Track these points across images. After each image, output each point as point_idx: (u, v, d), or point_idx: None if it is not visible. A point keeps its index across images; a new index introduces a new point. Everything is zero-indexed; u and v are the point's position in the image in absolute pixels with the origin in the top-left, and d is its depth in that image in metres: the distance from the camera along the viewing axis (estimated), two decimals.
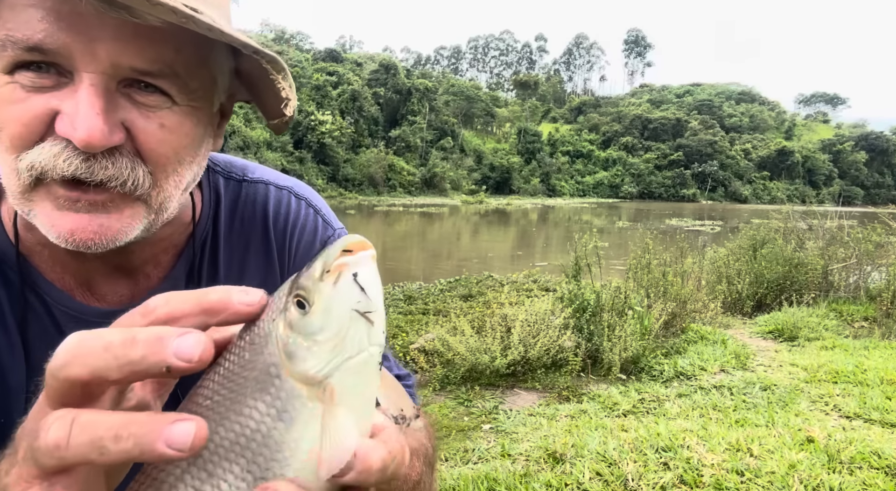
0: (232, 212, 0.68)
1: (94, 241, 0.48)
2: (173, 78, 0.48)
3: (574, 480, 2.67)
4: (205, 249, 0.66)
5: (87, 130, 0.44)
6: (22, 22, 0.43)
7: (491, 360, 4.70)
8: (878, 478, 2.60)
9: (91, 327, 0.56)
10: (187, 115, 0.51)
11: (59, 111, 0.45)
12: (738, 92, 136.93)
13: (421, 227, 32.84)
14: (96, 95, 0.45)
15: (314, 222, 0.72)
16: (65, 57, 0.44)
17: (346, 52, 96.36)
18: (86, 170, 0.46)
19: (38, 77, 0.45)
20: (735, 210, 64.17)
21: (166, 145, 0.50)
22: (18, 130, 0.45)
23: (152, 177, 0.50)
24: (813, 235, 9.17)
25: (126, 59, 0.45)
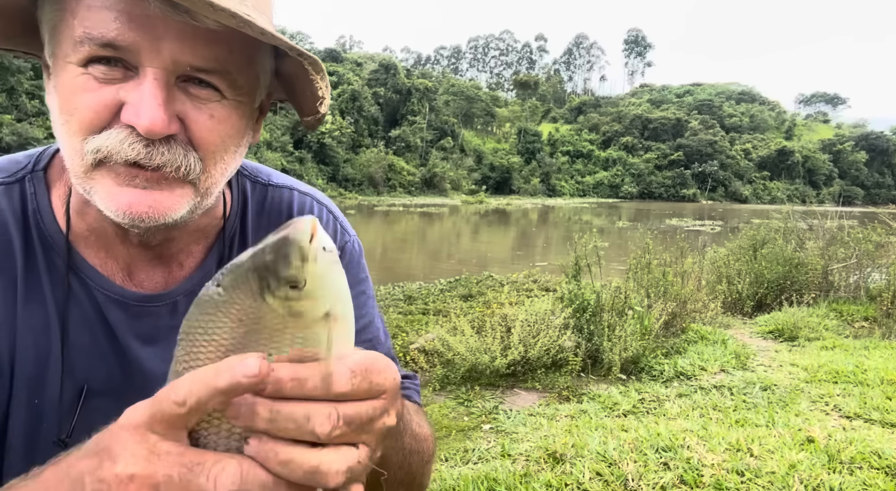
0: (259, 212, 0.74)
1: (148, 214, 0.54)
2: (225, 75, 0.54)
3: (574, 480, 2.67)
4: (233, 243, 0.71)
5: (150, 119, 0.50)
6: (98, 21, 0.49)
7: (491, 360, 4.70)
8: (878, 478, 2.60)
9: (129, 311, 0.62)
10: (234, 108, 0.56)
11: (124, 102, 0.51)
12: (738, 92, 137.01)
13: (421, 227, 32.84)
14: (158, 88, 0.51)
15: (334, 228, 0.78)
16: (133, 53, 0.50)
17: (346, 52, 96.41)
18: (146, 154, 0.52)
19: (109, 70, 0.51)
20: (735, 210, 64.19)
21: (215, 134, 0.55)
22: (89, 117, 0.51)
23: (202, 163, 0.56)
24: (813, 235, 9.17)
25: (185, 58, 0.51)
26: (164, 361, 0.62)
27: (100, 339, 0.63)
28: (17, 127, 38.87)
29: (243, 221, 0.73)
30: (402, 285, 11.36)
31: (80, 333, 0.61)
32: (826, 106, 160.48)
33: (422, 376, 5.24)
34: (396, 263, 16.87)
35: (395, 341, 6.26)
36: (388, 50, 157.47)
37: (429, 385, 4.82)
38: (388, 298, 9.93)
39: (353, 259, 0.80)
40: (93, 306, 0.62)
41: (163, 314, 0.65)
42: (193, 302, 0.42)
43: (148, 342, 0.65)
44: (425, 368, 5.38)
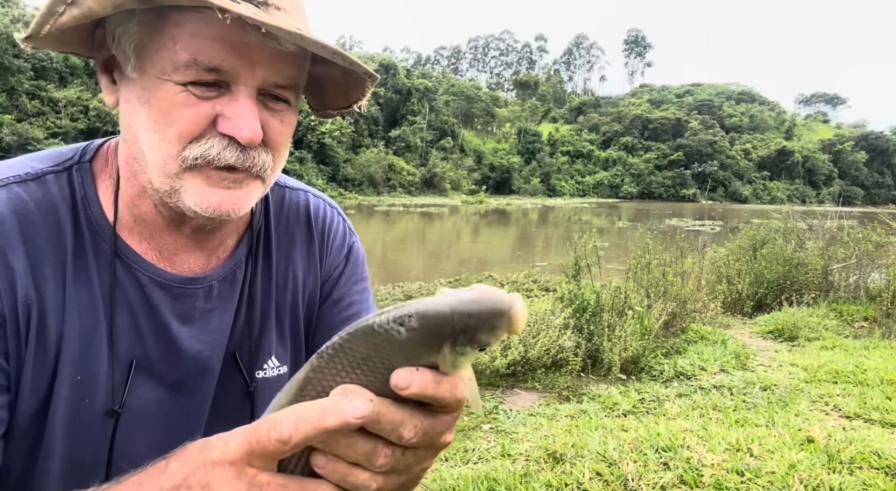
0: (279, 211, 0.83)
1: (232, 210, 0.63)
2: (294, 89, 0.64)
3: (574, 480, 2.67)
4: (259, 238, 0.79)
5: (251, 132, 0.60)
6: (203, 48, 0.57)
7: (491, 360, 4.70)
8: (878, 478, 2.60)
9: (171, 292, 0.70)
10: (293, 113, 0.67)
11: (219, 115, 0.60)
12: (738, 92, 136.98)
13: (421, 227, 32.84)
14: (253, 104, 0.60)
15: (344, 229, 0.89)
16: (232, 75, 0.59)
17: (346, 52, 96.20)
18: (241, 160, 0.61)
19: (207, 90, 0.59)
20: (735, 210, 64.19)
21: (284, 136, 0.66)
22: (189, 128, 0.59)
23: (273, 162, 0.66)
24: (813, 235, 9.17)
25: (273, 78, 0.61)
26: (198, 341, 0.71)
27: (141, 318, 0.68)
28: (17, 127, 38.85)
29: (267, 218, 0.81)
30: (402, 285, 11.35)
31: (123, 314, 0.67)
32: (826, 106, 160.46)
33: None
34: (396, 263, 16.87)
35: None
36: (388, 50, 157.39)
37: None
38: (389, 298, 9.93)
39: (360, 258, 0.89)
40: (136, 288, 0.68)
41: (199, 296, 0.72)
42: (356, 326, 0.42)
43: (185, 322, 0.71)
44: None
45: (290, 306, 0.80)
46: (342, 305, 0.84)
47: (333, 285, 0.85)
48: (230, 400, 0.74)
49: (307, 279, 0.82)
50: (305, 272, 0.82)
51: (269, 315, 0.78)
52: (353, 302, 0.84)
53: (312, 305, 0.83)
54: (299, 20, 0.60)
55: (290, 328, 0.80)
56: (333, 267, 0.85)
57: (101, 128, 44.08)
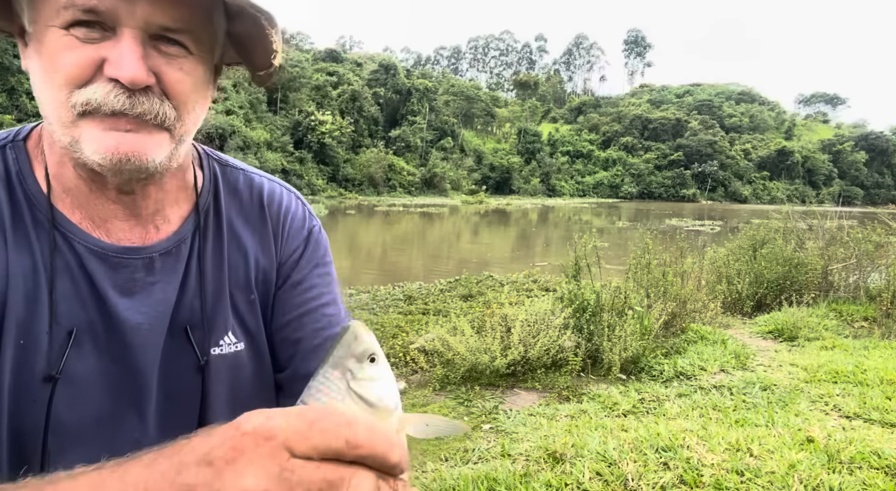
0: (232, 191, 0.83)
1: (134, 153, 0.61)
2: (189, 33, 0.62)
3: (574, 480, 2.67)
4: (208, 216, 0.79)
5: (132, 71, 0.58)
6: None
7: (491, 360, 4.70)
8: (878, 478, 2.60)
9: (108, 262, 0.69)
10: (199, 62, 0.64)
11: (105, 58, 0.58)
12: (738, 92, 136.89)
13: (421, 227, 32.83)
14: (136, 45, 0.58)
15: (303, 212, 0.88)
16: (111, 17, 0.57)
17: (346, 52, 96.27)
18: (129, 105, 0.59)
19: (90, 32, 0.58)
20: (735, 210, 64.18)
21: (185, 85, 0.63)
22: (74, 72, 0.58)
23: (176, 112, 0.63)
24: (813, 235, 9.17)
25: (156, 19, 0.59)
26: (138, 313, 0.70)
27: (81, 287, 0.68)
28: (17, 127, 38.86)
29: (216, 198, 0.80)
30: (402, 285, 11.35)
31: (63, 281, 0.67)
32: (826, 106, 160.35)
33: (422, 376, 5.24)
34: (396, 263, 16.86)
35: (395, 341, 6.26)
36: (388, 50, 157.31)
37: (429, 385, 4.83)
38: (388, 297, 9.93)
39: (321, 242, 0.88)
40: (74, 257, 0.68)
41: (139, 268, 0.71)
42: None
43: (124, 293, 0.70)
44: (425, 368, 5.38)
45: (244, 285, 0.79)
46: (302, 288, 0.83)
47: (293, 268, 0.84)
48: (181, 375, 0.73)
49: (260, 259, 0.81)
50: (257, 253, 0.81)
51: (223, 292, 0.77)
52: (313, 285, 0.84)
53: (268, 286, 0.82)
54: None
55: (246, 306, 0.79)
56: (292, 249, 0.84)
57: None
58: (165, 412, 0.72)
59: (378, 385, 0.48)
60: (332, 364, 0.49)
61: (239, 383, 0.77)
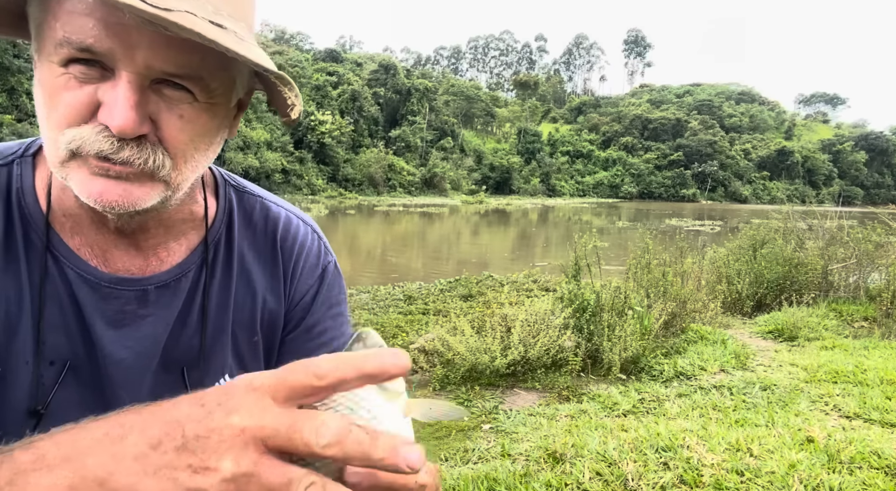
0: (247, 223, 0.78)
1: (118, 202, 0.57)
2: (197, 80, 0.57)
3: (574, 480, 2.67)
4: (218, 248, 0.75)
5: (122, 120, 0.53)
6: (77, 26, 0.52)
7: (491, 360, 4.70)
8: (878, 478, 2.60)
9: (99, 292, 0.66)
10: (205, 110, 0.59)
11: (101, 102, 0.55)
12: (738, 92, 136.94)
13: (421, 227, 32.83)
14: (131, 91, 0.54)
15: (318, 248, 0.83)
16: (109, 58, 0.53)
17: (346, 52, 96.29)
18: (116, 150, 0.55)
19: (88, 70, 0.54)
20: (735, 210, 64.18)
21: (184, 134, 0.59)
22: (69, 113, 0.55)
23: (172, 161, 0.59)
24: (813, 235, 9.18)
25: (158, 64, 0.54)
26: (123, 347, 0.67)
27: (68, 316, 0.65)
28: (17, 127, 38.83)
29: (229, 229, 0.76)
30: (402, 285, 11.35)
31: (53, 309, 0.64)
32: (826, 106, 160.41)
33: (422, 376, 5.24)
34: (396, 263, 16.86)
35: (395, 341, 6.26)
36: (388, 50, 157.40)
37: (429, 385, 4.83)
38: (388, 297, 9.93)
39: (336, 279, 0.84)
40: (63, 283, 0.65)
41: (130, 300, 0.67)
42: None
43: (112, 325, 0.67)
44: (425, 368, 5.38)
45: (248, 325, 0.75)
46: (314, 333, 0.79)
47: (306, 310, 0.79)
48: None
49: (268, 299, 0.77)
50: (266, 291, 0.76)
51: (225, 332, 0.73)
52: (325, 328, 0.80)
53: (274, 328, 0.78)
54: (198, 2, 0.53)
55: (248, 348, 0.75)
56: (305, 290, 0.79)
57: None
58: None
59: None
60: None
61: None
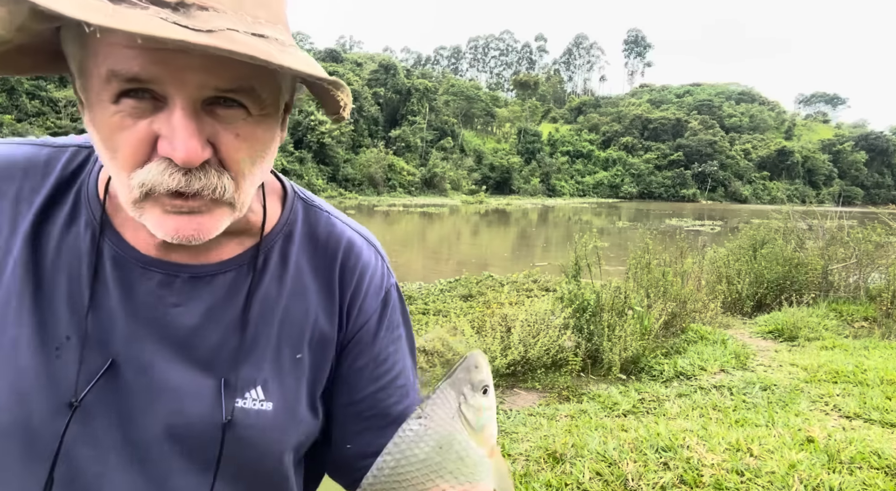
0: (310, 236, 0.77)
1: (194, 237, 0.59)
2: (249, 92, 0.56)
3: (574, 480, 2.67)
4: (271, 256, 0.73)
5: (185, 151, 0.53)
6: (122, 57, 0.51)
7: (491, 360, 4.70)
8: (878, 478, 2.60)
9: (126, 267, 0.67)
10: (258, 123, 0.59)
11: (159, 134, 0.54)
12: (738, 92, 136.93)
13: (421, 227, 32.83)
14: (188, 119, 0.53)
15: (381, 270, 0.81)
16: (159, 84, 0.52)
17: (346, 52, 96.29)
18: (185, 184, 0.55)
19: (139, 103, 0.53)
20: (735, 210, 64.17)
21: (242, 152, 0.58)
22: (130, 154, 0.55)
23: (234, 182, 0.59)
24: (813, 235, 9.18)
25: (211, 82, 0.53)
26: (153, 335, 0.66)
27: (115, 300, 0.66)
28: (17, 127, 38.83)
29: (288, 240, 0.75)
30: (402, 285, 11.36)
31: (102, 295, 0.66)
32: (826, 106, 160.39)
33: (422, 376, 5.24)
34: (396, 263, 16.85)
35: None
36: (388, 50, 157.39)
37: (429, 385, 4.83)
38: None
39: (398, 303, 0.82)
40: (114, 267, 0.66)
41: (153, 280, 0.67)
42: (397, 434, 0.59)
43: (127, 301, 0.66)
44: (425, 368, 5.38)
45: (295, 341, 0.72)
46: (378, 360, 0.77)
47: (371, 338, 0.77)
48: (196, 420, 0.65)
49: (320, 317, 0.74)
50: (319, 309, 0.74)
51: (265, 341, 0.70)
52: (388, 355, 0.78)
53: (324, 349, 0.74)
54: (235, 14, 0.51)
55: (290, 364, 0.71)
56: (369, 313, 0.77)
57: None
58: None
59: (483, 415, 0.59)
60: (451, 384, 0.60)
61: (248, 449, 0.67)
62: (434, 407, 0.58)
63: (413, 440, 0.58)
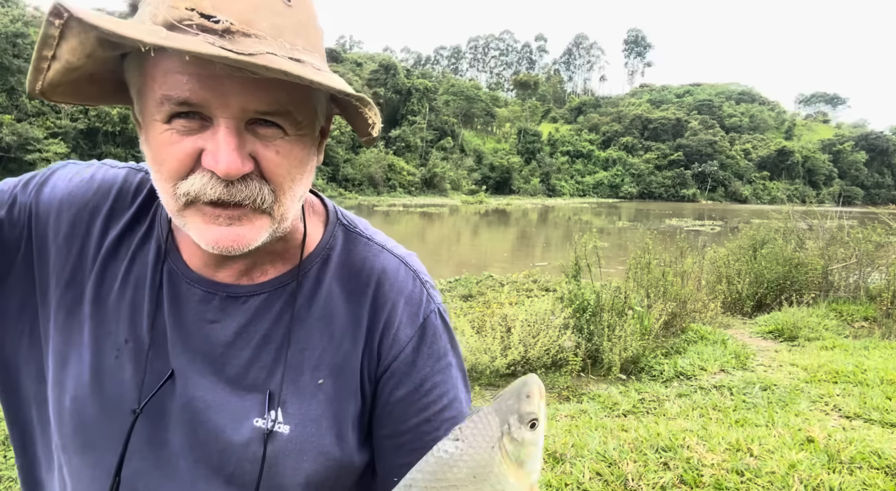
0: (346, 259, 0.78)
1: (233, 247, 0.63)
2: (286, 115, 0.61)
3: (574, 480, 2.67)
4: (306, 277, 0.75)
5: (226, 164, 0.58)
6: (174, 84, 0.57)
7: (491, 360, 4.70)
8: (878, 478, 2.60)
9: (178, 285, 0.73)
10: (296, 142, 0.64)
11: (203, 149, 0.59)
12: (738, 92, 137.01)
13: (421, 227, 32.83)
14: (230, 136, 0.58)
15: (420, 296, 0.79)
16: (206, 108, 0.58)
17: (346, 52, 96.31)
18: (226, 194, 0.60)
19: (188, 122, 0.59)
20: (735, 210, 64.17)
21: (282, 168, 0.63)
22: (176, 165, 0.60)
23: (274, 194, 0.63)
24: (813, 235, 9.17)
25: (251, 105, 0.58)
26: (189, 348, 0.70)
27: (166, 313, 0.72)
28: (17, 127, 38.81)
29: (324, 265, 0.76)
30: None
31: (158, 307, 0.72)
32: (826, 106, 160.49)
33: None
34: None
35: None
36: (388, 50, 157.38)
37: None
38: None
39: (441, 330, 0.79)
40: (169, 281, 0.73)
41: (195, 296, 0.73)
42: (431, 452, 0.54)
43: (176, 315, 0.72)
44: None
45: (315, 365, 0.72)
46: (422, 391, 0.75)
47: (410, 364, 0.75)
48: (218, 434, 0.69)
49: (344, 343, 0.73)
50: (344, 336, 0.74)
51: (286, 365, 0.71)
52: (434, 385, 0.75)
53: (346, 374, 0.73)
54: (276, 41, 0.57)
55: (310, 390, 0.71)
56: (405, 340, 0.75)
57: (101, 128, 44.07)
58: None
59: (527, 451, 0.54)
60: (496, 409, 0.54)
61: (262, 469, 0.68)
62: (474, 431, 0.53)
63: (447, 463, 0.53)
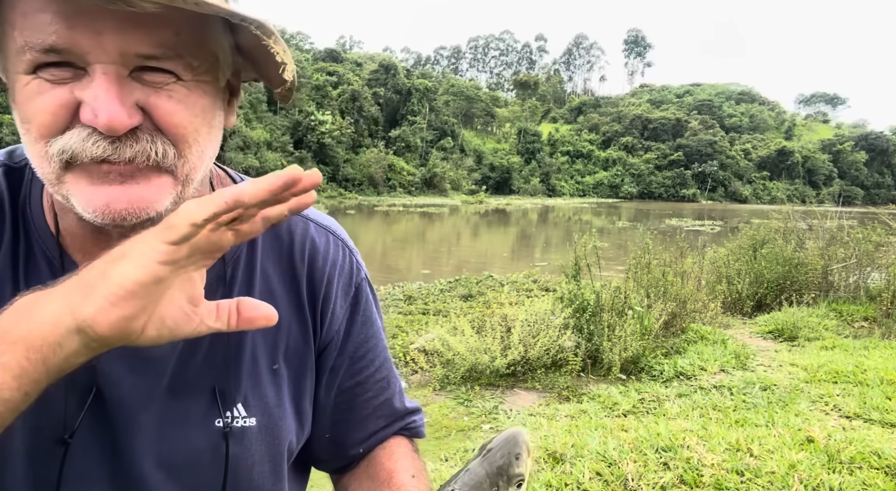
0: (273, 239, 0.72)
1: (128, 210, 0.52)
2: (177, 59, 0.51)
3: (574, 480, 2.67)
4: (238, 264, 0.69)
5: (108, 116, 0.48)
6: (35, 27, 0.48)
7: (491, 360, 4.70)
8: (878, 478, 2.60)
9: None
10: (194, 87, 0.54)
11: (81, 101, 0.49)
12: (738, 92, 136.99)
13: (421, 227, 32.84)
14: (110, 83, 0.49)
15: (350, 265, 0.77)
16: (77, 54, 0.48)
17: (346, 52, 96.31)
18: (113, 151, 0.50)
19: (58, 71, 0.49)
20: (735, 210, 64.17)
21: (179, 115, 0.53)
22: (47, 120, 0.50)
23: (176, 148, 0.54)
24: (813, 235, 9.17)
25: (132, 47, 0.49)
26: (129, 368, 0.61)
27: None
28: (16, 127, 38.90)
29: (252, 244, 0.70)
30: (402, 285, 11.36)
31: None
32: (826, 106, 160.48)
33: (422, 376, 5.24)
34: (396, 263, 16.86)
35: (395, 341, 6.26)
36: (388, 50, 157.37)
37: (429, 385, 4.83)
38: (388, 298, 9.93)
39: (370, 296, 0.79)
40: None
41: None
42: None
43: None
44: (425, 368, 5.38)
45: (269, 352, 0.69)
46: (356, 356, 0.76)
47: (346, 335, 0.75)
48: (183, 444, 0.64)
49: (292, 326, 0.70)
50: (291, 319, 0.70)
51: (241, 357, 0.66)
52: (367, 350, 0.77)
53: (301, 359, 0.71)
54: None
55: (267, 376, 0.68)
56: (341, 314, 0.74)
57: None
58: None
59: None
60: (487, 464, 0.59)
61: (239, 469, 0.66)
62: (464, 486, 0.57)
63: None
